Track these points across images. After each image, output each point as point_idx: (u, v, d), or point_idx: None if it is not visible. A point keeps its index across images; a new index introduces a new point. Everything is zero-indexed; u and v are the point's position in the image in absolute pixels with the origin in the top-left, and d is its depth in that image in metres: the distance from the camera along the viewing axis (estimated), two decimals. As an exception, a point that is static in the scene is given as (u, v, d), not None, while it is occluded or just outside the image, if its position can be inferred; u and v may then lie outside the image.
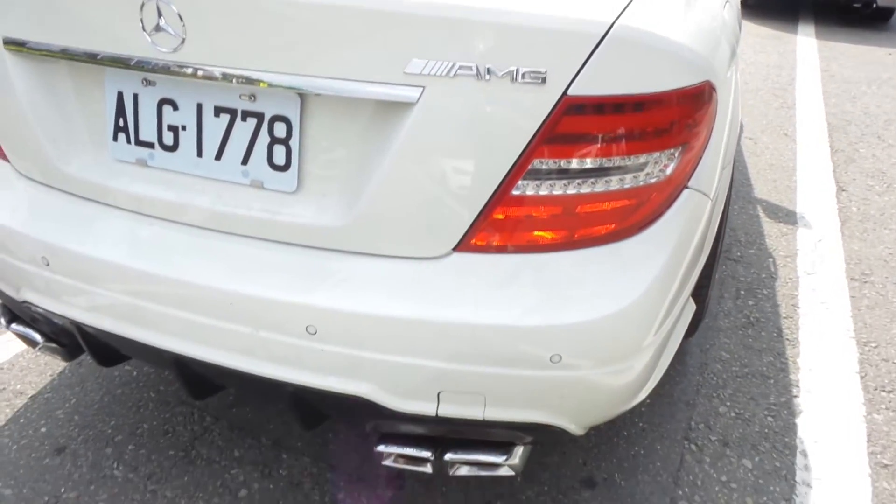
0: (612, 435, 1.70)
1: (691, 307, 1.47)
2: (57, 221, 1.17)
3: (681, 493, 1.55)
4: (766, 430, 1.74)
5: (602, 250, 1.03)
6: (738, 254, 2.56)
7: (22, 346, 1.94)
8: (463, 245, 1.02)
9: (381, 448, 1.17)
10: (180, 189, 1.12)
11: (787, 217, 2.84)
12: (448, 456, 1.15)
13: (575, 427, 1.14)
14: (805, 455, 1.67)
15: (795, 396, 1.86)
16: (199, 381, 1.25)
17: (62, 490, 1.50)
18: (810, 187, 3.11)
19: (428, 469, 1.18)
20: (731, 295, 2.31)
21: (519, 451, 1.16)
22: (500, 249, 1.02)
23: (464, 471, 1.18)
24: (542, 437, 1.17)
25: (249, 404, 1.75)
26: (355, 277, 1.03)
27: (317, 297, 1.02)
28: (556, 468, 1.60)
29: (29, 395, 1.77)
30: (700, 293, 1.73)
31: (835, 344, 2.07)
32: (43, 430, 1.66)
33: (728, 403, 1.83)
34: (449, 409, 1.08)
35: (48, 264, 1.17)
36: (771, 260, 2.52)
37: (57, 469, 1.56)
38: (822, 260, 2.53)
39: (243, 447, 1.63)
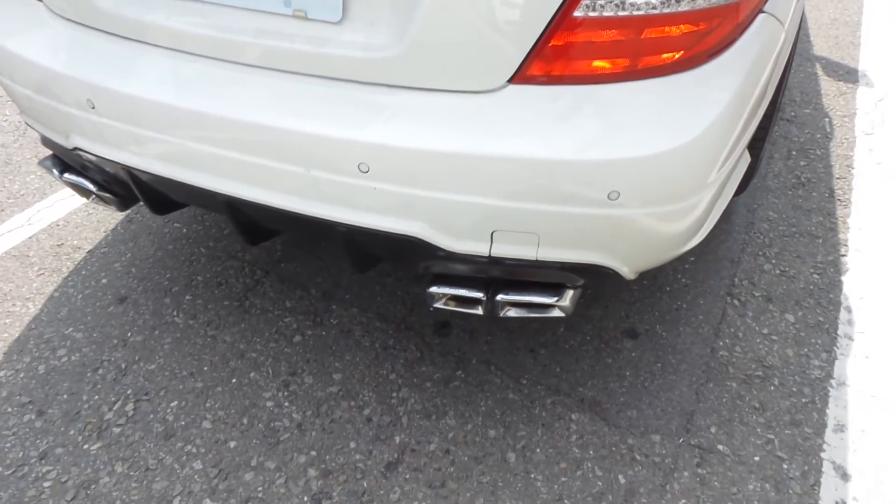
0: (655, 290, 1.71)
1: (746, 159, 1.41)
2: (97, 61, 1.14)
3: (721, 343, 1.58)
4: (811, 287, 1.73)
5: (667, 80, 0.96)
6: (792, 113, 2.43)
7: (76, 203, 1.99)
8: (519, 76, 0.97)
9: (433, 290, 1.18)
10: (221, 23, 1.06)
11: (848, 75, 2.66)
12: (500, 297, 1.16)
13: (627, 270, 1.13)
14: (849, 311, 1.66)
15: (843, 255, 1.82)
16: (252, 225, 1.26)
17: (129, 334, 1.59)
18: (875, 43, 2.88)
19: (479, 311, 1.20)
20: (783, 155, 2.22)
21: (569, 293, 1.17)
22: (559, 80, 0.97)
23: (513, 312, 1.20)
24: (593, 280, 1.17)
25: (298, 259, 1.79)
26: (407, 112, 1.00)
27: (368, 134, 0.99)
28: (599, 320, 1.63)
29: (86, 250, 1.83)
30: (755, 146, 1.66)
31: (889, 204, 2.00)
32: (104, 281, 1.74)
33: (773, 261, 1.81)
34: (502, 249, 1.07)
35: (93, 107, 1.15)
36: (827, 120, 2.39)
37: (121, 316, 1.64)
38: (883, 120, 2.39)
39: (294, 298, 1.69)
